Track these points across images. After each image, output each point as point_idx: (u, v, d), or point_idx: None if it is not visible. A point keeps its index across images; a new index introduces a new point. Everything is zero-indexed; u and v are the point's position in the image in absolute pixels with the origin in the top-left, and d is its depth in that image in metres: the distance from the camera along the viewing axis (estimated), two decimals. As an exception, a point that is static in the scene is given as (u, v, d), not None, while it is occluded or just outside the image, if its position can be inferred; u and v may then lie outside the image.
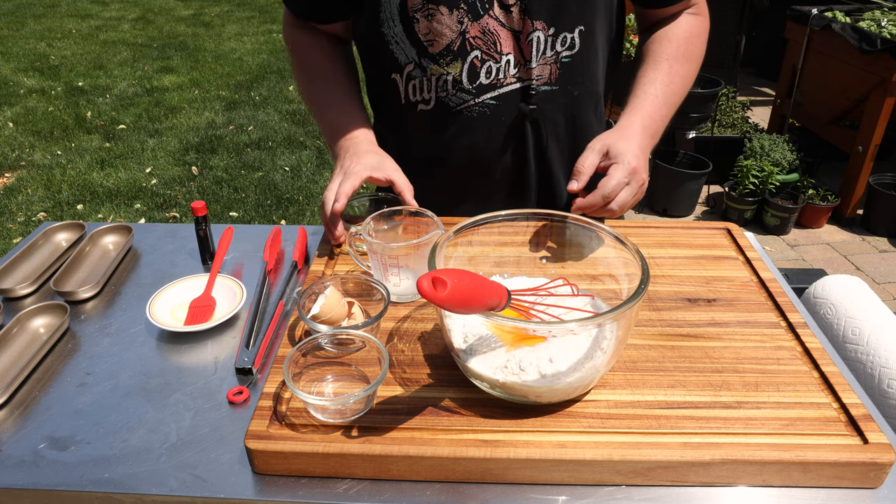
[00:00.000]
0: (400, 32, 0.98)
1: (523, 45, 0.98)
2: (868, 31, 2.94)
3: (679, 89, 1.06)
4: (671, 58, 1.05)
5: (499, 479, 0.68)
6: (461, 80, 0.99)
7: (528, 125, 1.04)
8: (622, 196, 0.92)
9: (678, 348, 0.82)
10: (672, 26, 1.09)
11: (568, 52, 1.00)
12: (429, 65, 0.99)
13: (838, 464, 0.66)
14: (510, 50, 0.98)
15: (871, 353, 0.98)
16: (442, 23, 0.96)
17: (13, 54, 5.71)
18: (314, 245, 1.10)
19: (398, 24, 0.97)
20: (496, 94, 1.01)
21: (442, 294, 0.56)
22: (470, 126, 1.03)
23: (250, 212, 3.33)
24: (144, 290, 1.01)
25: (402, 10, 0.96)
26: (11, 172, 3.71)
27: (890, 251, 3.08)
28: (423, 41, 0.97)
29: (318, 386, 0.77)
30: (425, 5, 0.95)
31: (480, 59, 0.98)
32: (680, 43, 1.07)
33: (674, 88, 1.04)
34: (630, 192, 0.93)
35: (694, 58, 1.09)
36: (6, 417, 0.78)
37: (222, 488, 0.68)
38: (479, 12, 0.95)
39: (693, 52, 1.09)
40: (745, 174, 3.14)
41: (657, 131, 1.02)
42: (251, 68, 5.44)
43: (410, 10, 0.96)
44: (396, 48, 1.00)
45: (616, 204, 0.91)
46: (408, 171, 0.99)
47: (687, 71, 1.07)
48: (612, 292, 0.80)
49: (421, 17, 0.96)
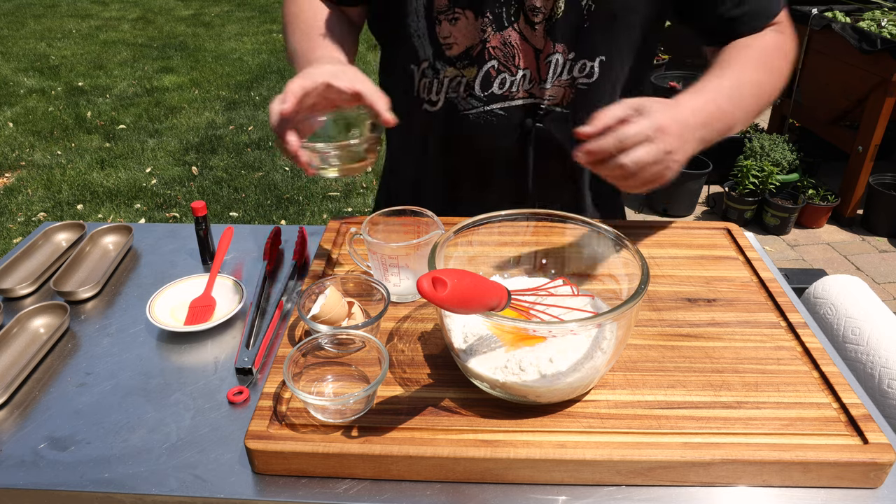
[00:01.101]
0: (423, 28, 0.97)
1: (541, 63, 0.97)
2: (868, 31, 2.94)
3: (750, 92, 0.91)
4: (745, 62, 0.93)
5: (499, 479, 0.68)
6: (474, 85, 0.99)
7: (530, 141, 1.03)
8: (639, 152, 0.76)
9: (678, 348, 0.82)
10: (753, 37, 0.97)
11: (586, 79, 0.98)
12: (443, 67, 0.98)
13: (838, 464, 0.66)
14: (527, 66, 0.97)
15: (871, 353, 0.98)
16: (464, 28, 0.95)
17: (13, 54, 5.71)
18: (314, 245, 1.10)
19: (422, 21, 0.96)
20: (505, 105, 1.00)
21: (442, 294, 0.56)
22: (475, 132, 1.03)
23: (250, 212, 3.33)
24: (144, 290, 1.01)
25: (427, 9, 0.95)
26: (11, 172, 3.71)
27: (890, 251, 3.08)
28: (442, 43, 0.97)
29: (318, 386, 0.77)
30: (451, 9, 0.94)
31: (496, 70, 0.97)
32: (759, 51, 0.94)
33: (743, 91, 0.90)
34: (650, 153, 0.76)
35: (774, 69, 0.95)
36: (6, 417, 0.78)
37: (222, 488, 0.68)
38: (504, 24, 0.94)
39: (773, 63, 0.95)
40: (745, 174, 3.14)
41: (711, 120, 0.85)
42: (251, 68, 5.44)
43: (436, 11, 0.95)
44: (417, 42, 0.99)
45: (630, 159, 0.76)
46: (405, 170, 0.98)
47: (764, 78, 0.93)
48: (612, 292, 0.80)
49: (444, 20, 0.95)
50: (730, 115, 0.88)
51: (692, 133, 0.82)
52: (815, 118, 3.47)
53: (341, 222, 1.08)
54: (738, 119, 0.90)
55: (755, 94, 0.92)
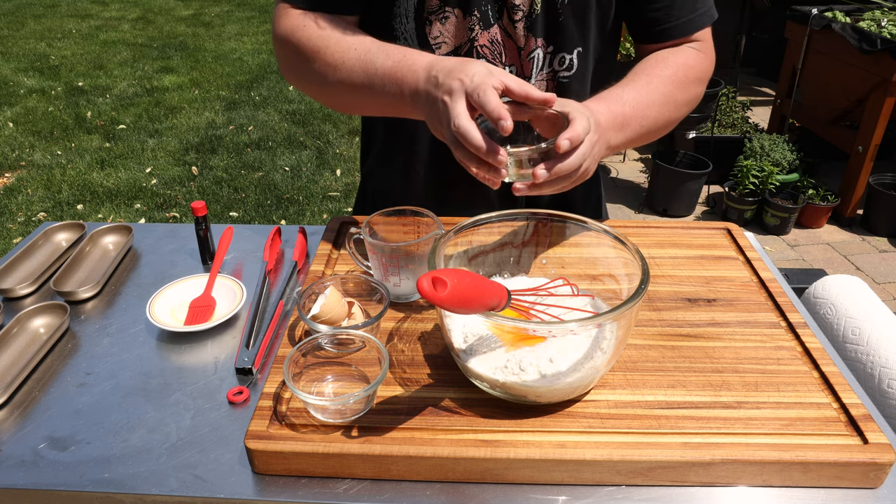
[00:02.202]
0: (411, 30, 0.97)
1: (524, 60, 0.98)
2: (868, 31, 2.94)
3: (659, 100, 0.92)
4: (657, 75, 0.94)
5: (499, 479, 0.68)
6: None
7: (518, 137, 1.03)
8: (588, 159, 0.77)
9: (678, 348, 0.82)
10: (669, 51, 0.99)
11: (566, 72, 1.00)
12: None
13: (838, 464, 0.66)
14: (512, 62, 0.98)
15: (871, 353, 0.98)
16: (454, 27, 0.95)
17: (13, 54, 5.71)
18: (314, 245, 1.10)
19: (411, 22, 0.96)
20: None
21: (442, 294, 0.56)
22: None
23: (250, 212, 3.34)
24: (144, 290, 1.01)
25: (417, 10, 0.95)
26: (11, 172, 3.71)
27: (890, 251, 3.08)
28: (432, 44, 0.97)
29: (318, 386, 0.77)
30: (441, 8, 0.94)
31: None
32: (675, 67, 0.96)
33: (652, 97, 0.91)
34: (595, 157, 0.79)
35: (685, 84, 0.96)
36: (6, 417, 0.78)
37: (222, 488, 0.68)
38: (491, 21, 0.95)
39: (686, 78, 0.96)
40: (745, 174, 3.15)
41: (625, 123, 0.88)
42: (251, 68, 5.44)
43: (426, 12, 0.95)
44: (404, 45, 0.98)
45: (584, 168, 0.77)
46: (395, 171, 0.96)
47: (675, 92, 0.94)
48: (612, 292, 0.80)
49: (434, 20, 0.95)
50: (637, 118, 0.89)
51: (610, 134, 0.85)
52: (815, 118, 3.47)
53: (341, 222, 1.08)
54: (647, 124, 0.91)
55: (663, 101, 0.93)
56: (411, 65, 0.84)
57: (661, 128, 0.96)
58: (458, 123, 0.73)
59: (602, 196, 1.25)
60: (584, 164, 0.77)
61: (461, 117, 0.73)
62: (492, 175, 0.77)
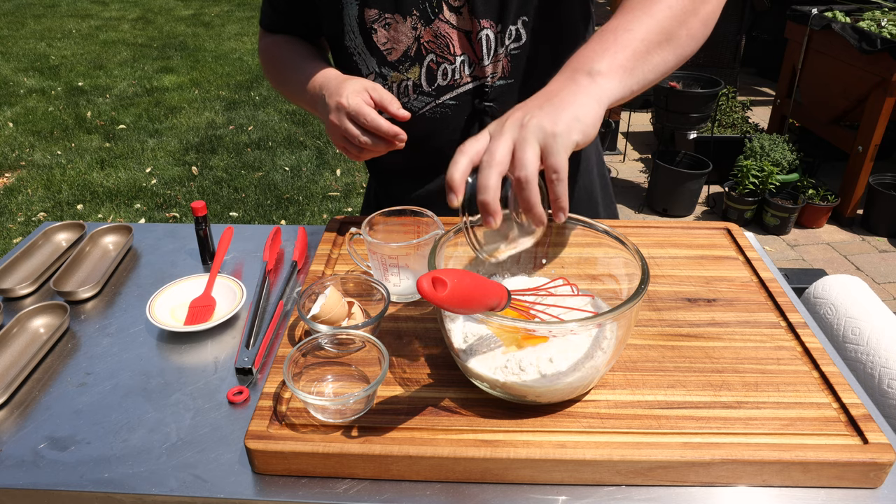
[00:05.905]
0: (361, 44, 0.99)
1: (475, 44, 0.98)
2: (868, 31, 2.94)
3: (645, 13, 0.76)
4: (638, 8, 0.77)
5: (499, 479, 0.68)
6: (420, 83, 1.00)
7: (485, 122, 1.03)
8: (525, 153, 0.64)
9: (678, 348, 0.82)
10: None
11: (515, 44, 0.99)
12: (389, 73, 1.00)
13: (838, 464, 0.66)
14: (463, 51, 0.99)
15: (871, 353, 0.98)
16: (399, 31, 0.97)
17: (13, 54, 5.71)
18: (314, 245, 1.10)
19: (358, 36, 0.99)
20: (454, 94, 1.01)
21: (442, 294, 0.56)
22: (433, 128, 1.03)
23: (250, 212, 3.33)
24: (144, 290, 1.01)
25: (360, 23, 0.97)
26: (11, 172, 3.71)
27: (890, 251, 3.08)
28: (383, 50, 0.99)
29: (318, 386, 0.77)
30: (381, 15, 0.96)
31: (436, 62, 0.99)
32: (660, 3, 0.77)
33: (634, 15, 0.76)
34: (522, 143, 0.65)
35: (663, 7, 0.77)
36: (6, 417, 0.78)
37: (222, 488, 0.68)
38: (430, 17, 0.96)
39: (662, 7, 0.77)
40: (745, 174, 3.15)
41: (604, 49, 0.73)
42: (251, 68, 5.44)
43: (368, 22, 0.97)
44: (359, 59, 1.01)
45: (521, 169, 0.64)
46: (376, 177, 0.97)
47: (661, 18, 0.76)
48: (612, 292, 0.80)
49: (379, 28, 0.97)
50: (624, 38, 0.74)
51: (560, 85, 0.71)
52: (815, 118, 3.47)
53: (341, 222, 1.08)
54: (633, 44, 0.74)
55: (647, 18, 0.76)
56: (312, 82, 1.00)
57: (667, 38, 0.77)
58: (347, 102, 0.90)
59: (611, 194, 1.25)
60: (520, 136, 0.66)
61: (347, 98, 0.90)
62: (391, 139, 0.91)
